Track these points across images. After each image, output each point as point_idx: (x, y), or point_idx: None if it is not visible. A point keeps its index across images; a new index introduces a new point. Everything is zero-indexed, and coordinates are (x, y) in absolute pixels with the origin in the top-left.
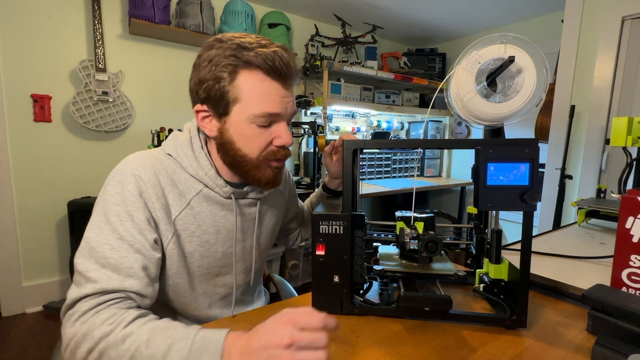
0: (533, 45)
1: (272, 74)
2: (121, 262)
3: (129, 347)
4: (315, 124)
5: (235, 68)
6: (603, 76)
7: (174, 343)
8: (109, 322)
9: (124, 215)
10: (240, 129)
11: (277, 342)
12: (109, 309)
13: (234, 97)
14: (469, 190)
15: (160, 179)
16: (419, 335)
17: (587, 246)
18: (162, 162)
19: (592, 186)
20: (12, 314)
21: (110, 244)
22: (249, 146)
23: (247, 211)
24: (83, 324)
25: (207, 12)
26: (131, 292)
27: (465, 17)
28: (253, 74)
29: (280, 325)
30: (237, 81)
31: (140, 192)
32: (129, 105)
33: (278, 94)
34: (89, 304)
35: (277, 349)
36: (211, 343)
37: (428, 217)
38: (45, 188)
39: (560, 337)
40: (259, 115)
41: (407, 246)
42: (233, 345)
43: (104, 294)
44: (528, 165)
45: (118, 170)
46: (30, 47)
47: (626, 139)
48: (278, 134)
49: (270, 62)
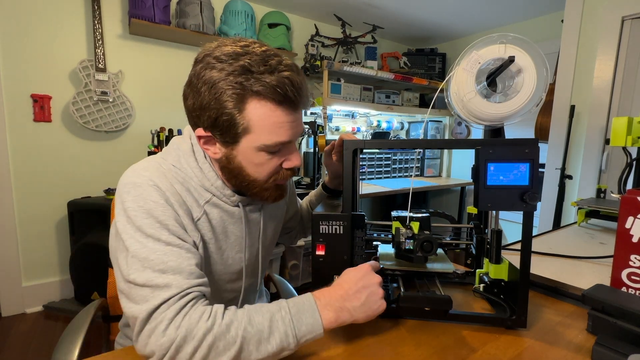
0: (533, 45)
1: (283, 104)
2: (180, 262)
3: (236, 332)
4: (315, 124)
5: (242, 98)
6: (603, 76)
7: (273, 314)
8: (204, 318)
9: (158, 225)
10: (250, 157)
11: (373, 282)
12: (196, 308)
13: (244, 127)
14: (469, 190)
15: (176, 187)
16: (419, 335)
17: (587, 246)
18: (171, 171)
19: (592, 186)
20: (12, 314)
21: (162, 250)
22: (259, 172)
23: (252, 217)
24: (179, 329)
25: (207, 12)
26: (200, 286)
27: (465, 17)
28: (262, 104)
29: (368, 271)
30: (246, 112)
31: (165, 200)
32: (129, 105)
33: (289, 121)
34: (174, 309)
35: (373, 286)
36: (304, 304)
37: (424, 217)
38: (45, 188)
39: (560, 337)
40: (271, 146)
41: (402, 246)
42: (326, 296)
43: (182, 296)
44: (528, 165)
45: (131, 185)
46: (30, 47)
47: (626, 139)
48: (288, 158)
49: (281, 90)
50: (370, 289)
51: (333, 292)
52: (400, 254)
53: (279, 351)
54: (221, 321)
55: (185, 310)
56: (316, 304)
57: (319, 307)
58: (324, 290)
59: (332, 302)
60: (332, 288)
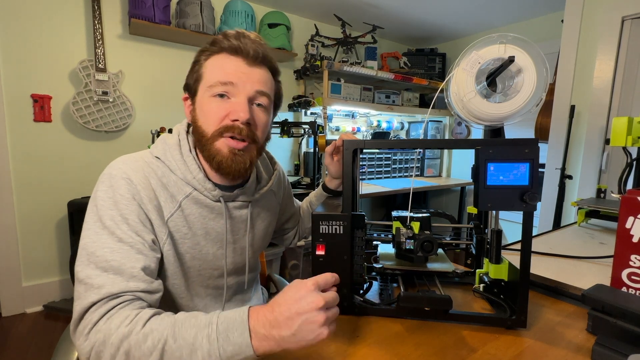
0: (533, 45)
1: (234, 53)
2: (123, 262)
3: (154, 343)
4: (315, 124)
5: (209, 53)
6: (603, 76)
7: (200, 330)
8: (125, 323)
9: (119, 218)
10: (201, 104)
11: (311, 307)
12: (120, 312)
13: (200, 76)
14: (469, 190)
15: (151, 181)
16: (419, 335)
17: (587, 246)
18: (150, 166)
19: (592, 186)
20: (12, 314)
21: (110, 247)
22: (206, 121)
23: (238, 214)
24: (98, 333)
25: (207, 12)
26: (138, 291)
27: (465, 17)
28: (219, 56)
29: (308, 290)
30: (207, 63)
31: (133, 195)
32: (129, 105)
33: (236, 68)
34: (99, 313)
35: (312, 312)
36: (235, 320)
37: (424, 217)
38: (45, 188)
39: (560, 337)
40: (213, 85)
41: (403, 246)
42: (257, 318)
43: (111, 299)
44: (528, 165)
45: (107, 175)
46: (30, 47)
47: (626, 139)
48: (233, 109)
49: (235, 42)
50: (306, 316)
51: (263, 314)
52: (401, 254)
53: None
54: (140, 329)
55: (110, 314)
56: (249, 322)
57: (251, 326)
58: (260, 308)
59: (258, 326)
60: (266, 308)
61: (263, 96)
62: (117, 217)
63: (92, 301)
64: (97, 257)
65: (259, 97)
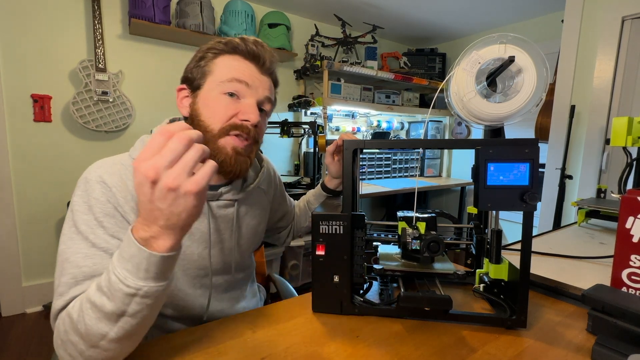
0: (533, 45)
1: (251, 58)
2: (95, 269)
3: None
4: (315, 124)
5: (220, 52)
6: (603, 76)
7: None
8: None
9: (94, 223)
10: (208, 99)
11: (148, 180)
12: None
13: (209, 71)
14: (469, 190)
15: (128, 183)
16: (419, 335)
17: (587, 246)
18: (128, 168)
19: (592, 186)
20: (12, 314)
21: (83, 253)
22: (213, 116)
23: (223, 213)
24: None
25: (207, 12)
26: None
27: (465, 17)
28: (232, 57)
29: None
30: (217, 60)
31: (108, 198)
32: (129, 105)
33: (250, 71)
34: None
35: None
36: (123, 242)
37: (430, 217)
38: (45, 188)
39: (560, 337)
40: (226, 81)
41: (409, 246)
42: (136, 229)
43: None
44: (528, 165)
45: (83, 180)
46: (30, 47)
47: (626, 139)
48: (244, 109)
49: (254, 48)
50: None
51: (137, 222)
52: (407, 255)
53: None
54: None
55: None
56: (132, 235)
57: (136, 238)
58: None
59: (139, 233)
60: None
61: (269, 103)
62: (91, 221)
63: (58, 308)
64: (70, 263)
65: (266, 103)
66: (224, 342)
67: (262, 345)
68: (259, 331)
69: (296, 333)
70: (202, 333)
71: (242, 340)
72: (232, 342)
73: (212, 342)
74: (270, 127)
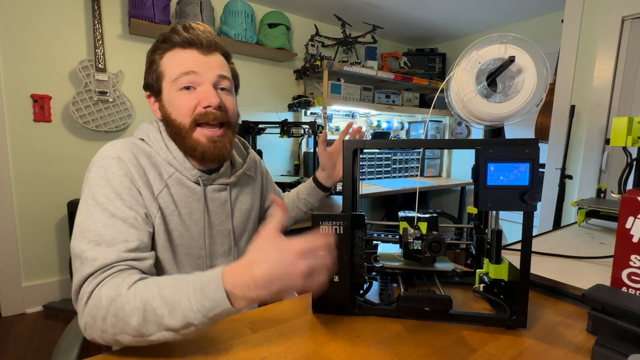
0: (533, 45)
1: (187, 45)
2: (116, 237)
3: (137, 305)
4: (315, 124)
5: (163, 51)
6: (603, 76)
7: (177, 289)
8: (113, 288)
9: (112, 195)
10: (170, 99)
11: (294, 275)
12: (112, 279)
13: (161, 73)
14: (469, 190)
15: (140, 160)
16: (419, 335)
17: (587, 246)
18: (139, 146)
19: (592, 186)
20: (12, 314)
21: (103, 222)
22: (179, 114)
23: (217, 196)
24: (92, 299)
25: (207, 12)
26: (130, 260)
27: (465, 17)
28: (173, 52)
29: (293, 255)
30: (163, 60)
31: (125, 172)
32: (128, 105)
33: (193, 58)
34: (94, 283)
35: (294, 279)
36: (210, 279)
37: (431, 217)
38: (45, 188)
39: (560, 337)
40: (176, 79)
41: (410, 246)
42: (234, 282)
43: (104, 270)
44: (528, 165)
45: (99, 157)
46: (30, 47)
47: (626, 139)
48: (202, 97)
49: (186, 35)
50: (287, 281)
51: (240, 277)
52: (408, 255)
53: (185, 325)
54: (125, 291)
55: (104, 282)
56: (223, 283)
57: (228, 289)
58: (235, 270)
59: (236, 289)
60: (242, 268)
61: (225, 79)
62: (110, 194)
63: (87, 273)
64: (90, 232)
65: (221, 81)
66: (224, 342)
67: (262, 345)
68: (259, 331)
69: (296, 333)
70: (202, 333)
71: (242, 340)
72: (232, 342)
73: (212, 342)
74: (270, 127)
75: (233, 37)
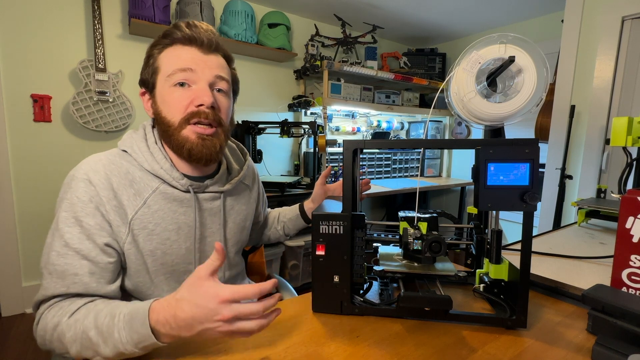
0: (533, 45)
1: (188, 43)
2: (66, 269)
3: (76, 334)
4: (315, 124)
5: (163, 47)
6: (603, 76)
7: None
8: (58, 315)
9: (72, 221)
10: (163, 95)
11: (216, 321)
12: (56, 305)
13: (157, 67)
14: (469, 190)
15: (113, 180)
16: (419, 335)
17: (587, 246)
18: (114, 163)
19: (592, 186)
20: (12, 314)
21: (57, 251)
22: (171, 111)
23: (210, 205)
24: (40, 324)
25: (207, 12)
26: (75, 294)
27: (465, 17)
28: (173, 48)
29: (219, 303)
30: (161, 55)
31: (90, 197)
32: (128, 105)
33: (192, 56)
34: (43, 308)
35: (215, 325)
36: (138, 312)
37: (431, 218)
38: (45, 188)
39: (560, 337)
40: (172, 74)
41: (410, 246)
42: (157, 319)
43: (52, 298)
44: (528, 165)
45: (70, 177)
46: (30, 47)
47: (626, 139)
48: (196, 95)
49: (188, 32)
50: (207, 325)
51: (164, 316)
52: (408, 255)
53: (118, 354)
54: (66, 320)
55: (50, 308)
56: (149, 319)
57: (152, 324)
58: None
59: (159, 325)
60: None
61: (222, 81)
62: (70, 219)
63: (39, 299)
64: (46, 259)
65: (218, 82)
66: (223, 342)
67: (262, 345)
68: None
69: (296, 333)
70: None
71: (242, 340)
72: (232, 342)
73: (212, 342)
74: (271, 127)
75: (233, 37)
